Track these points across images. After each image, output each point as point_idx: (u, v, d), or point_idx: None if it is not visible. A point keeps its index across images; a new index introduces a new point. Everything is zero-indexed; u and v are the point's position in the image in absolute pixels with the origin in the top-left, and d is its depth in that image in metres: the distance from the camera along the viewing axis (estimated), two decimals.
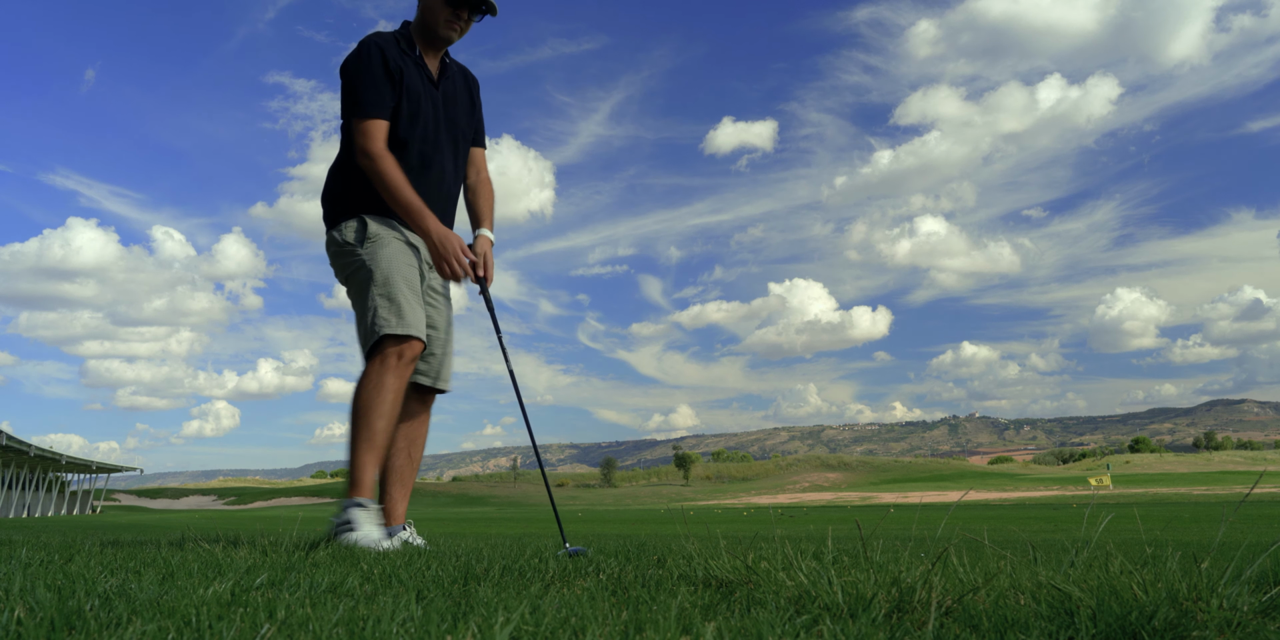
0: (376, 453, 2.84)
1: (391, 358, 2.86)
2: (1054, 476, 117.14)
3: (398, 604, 1.34)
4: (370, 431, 2.82)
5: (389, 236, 3.00)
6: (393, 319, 2.87)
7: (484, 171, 3.36)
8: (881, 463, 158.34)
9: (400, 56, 3.01)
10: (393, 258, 2.96)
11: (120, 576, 1.71)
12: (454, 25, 3.03)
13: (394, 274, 2.93)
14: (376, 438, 2.83)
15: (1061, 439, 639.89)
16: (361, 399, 2.85)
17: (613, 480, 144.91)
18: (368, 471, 2.83)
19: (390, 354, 2.86)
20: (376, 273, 2.93)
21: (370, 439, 2.82)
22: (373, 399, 2.83)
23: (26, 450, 49.99)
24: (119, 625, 1.16)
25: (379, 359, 2.88)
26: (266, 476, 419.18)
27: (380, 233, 2.99)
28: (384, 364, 2.86)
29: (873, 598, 1.37)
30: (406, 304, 2.91)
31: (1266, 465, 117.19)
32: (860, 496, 79.38)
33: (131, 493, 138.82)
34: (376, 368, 2.87)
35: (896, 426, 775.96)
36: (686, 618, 1.25)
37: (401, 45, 3.03)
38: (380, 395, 2.83)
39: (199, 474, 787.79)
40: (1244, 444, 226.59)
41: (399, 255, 2.98)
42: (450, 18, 3.01)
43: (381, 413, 2.83)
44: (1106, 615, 1.22)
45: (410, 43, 3.07)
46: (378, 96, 2.95)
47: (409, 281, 2.96)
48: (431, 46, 3.10)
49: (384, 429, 2.84)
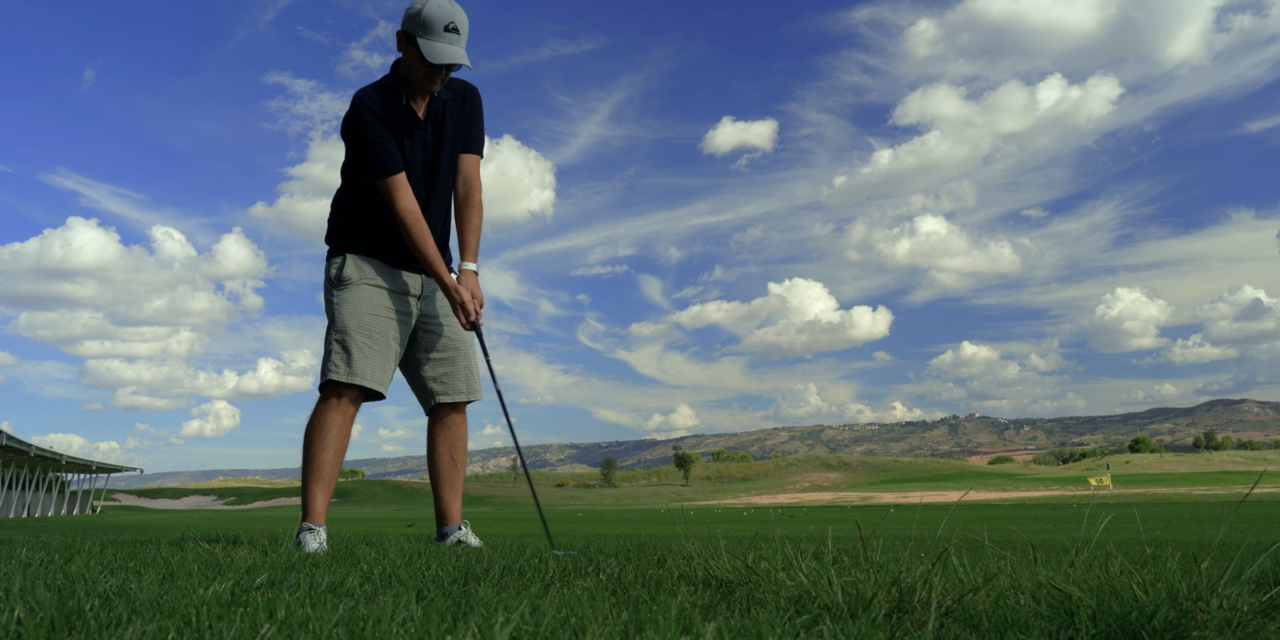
0: (324, 483, 3.15)
1: (332, 399, 3.17)
2: (1054, 476, 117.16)
3: (398, 604, 1.34)
4: (317, 463, 3.14)
5: (359, 281, 3.25)
6: (341, 366, 3.16)
7: (474, 182, 3.39)
8: (881, 463, 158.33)
9: (388, 114, 3.20)
10: (357, 304, 3.22)
11: (120, 576, 1.71)
12: (433, 81, 3.19)
13: (351, 321, 3.20)
14: (323, 469, 3.14)
15: (1061, 439, 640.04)
16: (309, 436, 3.17)
17: (613, 480, 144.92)
18: (317, 499, 3.13)
19: (332, 395, 3.17)
20: (337, 319, 3.21)
21: (317, 470, 3.14)
22: (316, 436, 3.15)
23: (26, 450, 50.00)
24: (119, 625, 1.16)
25: (323, 399, 3.19)
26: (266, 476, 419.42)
27: (351, 276, 3.25)
28: (327, 404, 3.17)
29: (873, 598, 1.37)
30: (358, 351, 3.17)
31: (1266, 465, 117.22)
32: (860, 496, 79.41)
33: (131, 493, 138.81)
34: (321, 407, 3.18)
35: (896, 426, 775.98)
36: (686, 618, 1.25)
37: (388, 99, 3.21)
38: (323, 431, 3.15)
39: (199, 474, 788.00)
40: (1244, 444, 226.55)
41: (364, 302, 3.23)
42: (428, 75, 3.16)
43: (325, 446, 3.14)
44: (1106, 615, 1.22)
45: (396, 92, 3.23)
46: (389, 154, 3.17)
47: (365, 329, 3.20)
48: (418, 93, 3.26)
49: (329, 460, 3.16)
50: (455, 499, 3.39)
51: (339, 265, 3.28)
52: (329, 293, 3.29)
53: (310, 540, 2.99)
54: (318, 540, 3.01)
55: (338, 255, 3.31)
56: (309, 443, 3.15)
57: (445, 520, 3.36)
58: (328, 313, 3.28)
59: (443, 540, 3.32)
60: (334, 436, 3.14)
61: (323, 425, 3.14)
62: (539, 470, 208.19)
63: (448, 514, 3.36)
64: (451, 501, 3.37)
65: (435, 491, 3.39)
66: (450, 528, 3.34)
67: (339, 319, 3.21)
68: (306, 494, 3.13)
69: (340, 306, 3.22)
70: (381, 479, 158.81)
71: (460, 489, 3.42)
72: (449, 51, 3.08)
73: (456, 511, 3.38)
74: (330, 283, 3.29)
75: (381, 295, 3.26)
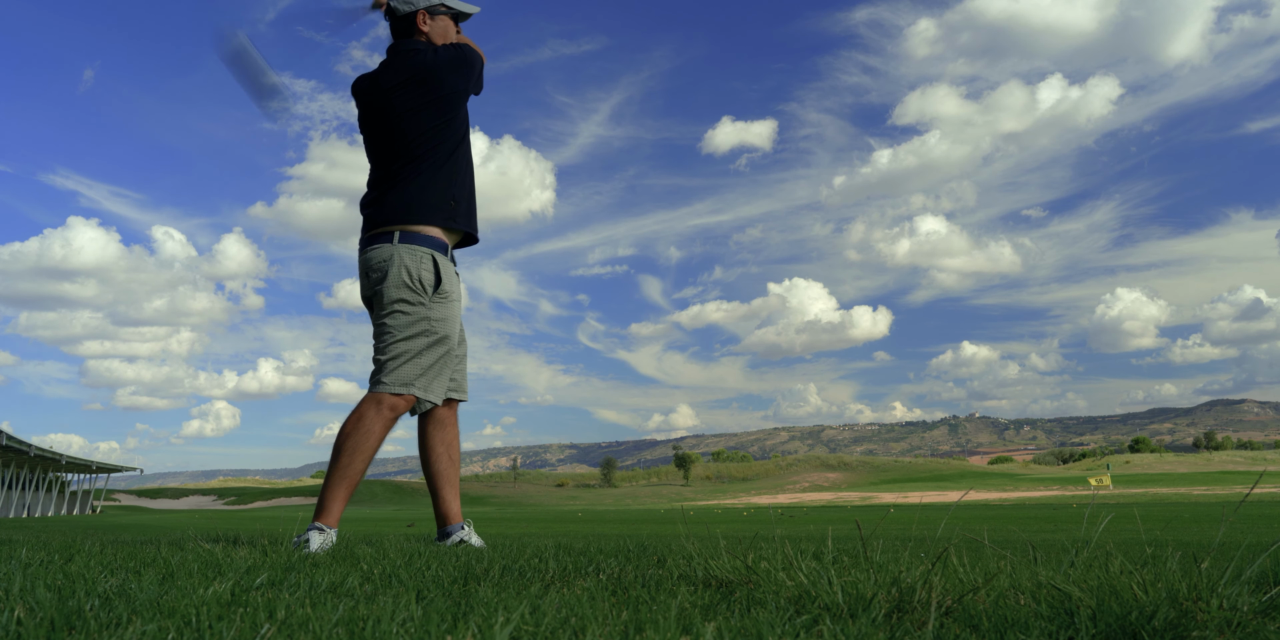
0: (349, 486, 3.03)
1: (387, 408, 3.04)
2: (1054, 476, 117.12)
3: (398, 604, 1.34)
4: (350, 470, 3.01)
5: (454, 297, 3.17)
6: (424, 382, 3.07)
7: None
8: (881, 463, 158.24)
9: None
10: (452, 322, 3.14)
11: (120, 576, 1.71)
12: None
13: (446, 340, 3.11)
14: (353, 476, 3.03)
15: (1061, 439, 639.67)
16: (350, 438, 3.01)
17: (613, 480, 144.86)
18: (337, 502, 3.01)
19: (387, 405, 3.04)
20: (430, 332, 3.08)
21: (347, 475, 3.01)
22: (360, 442, 3.01)
23: (26, 450, 49.98)
24: (119, 625, 1.16)
25: (377, 403, 3.04)
26: (266, 476, 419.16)
27: (451, 291, 3.14)
28: (379, 412, 3.03)
29: (873, 598, 1.37)
30: (438, 371, 3.11)
31: (1266, 465, 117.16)
32: (860, 496, 79.38)
33: (131, 493, 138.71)
34: (372, 411, 3.03)
35: (896, 426, 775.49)
36: (686, 618, 1.25)
37: None
38: (366, 438, 3.02)
39: (199, 474, 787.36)
40: (1244, 444, 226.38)
41: (454, 320, 3.16)
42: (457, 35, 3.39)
43: (364, 456, 3.03)
44: (1106, 615, 1.22)
45: None
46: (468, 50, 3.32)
47: (454, 351, 3.17)
48: None
49: (361, 469, 3.06)
50: (455, 498, 3.38)
51: (432, 269, 3.09)
52: (416, 293, 3.06)
53: (316, 539, 2.91)
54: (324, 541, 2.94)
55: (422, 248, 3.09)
56: (347, 445, 3.00)
57: (447, 520, 3.35)
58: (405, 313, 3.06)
59: (444, 540, 3.31)
60: (373, 445, 3.04)
61: (369, 432, 3.01)
62: (539, 470, 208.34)
63: (449, 513, 3.35)
64: (452, 500, 3.36)
65: (435, 491, 3.36)
66: (452, 527, 3.33)
67: (433, 332, 3.07)
68: (327, 495, 3.00)
69: (435, 321, 3.07)
70: (381, 479, 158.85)
71: (458, 488, 3.41)
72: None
73: (458, 510, 3.37)
74: (420, 285, 3.07)
75: (459, 309, 3.21)
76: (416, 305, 3.07)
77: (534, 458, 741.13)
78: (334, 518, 2.99)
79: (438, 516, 3.38)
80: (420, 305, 3.07)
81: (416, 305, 3.07)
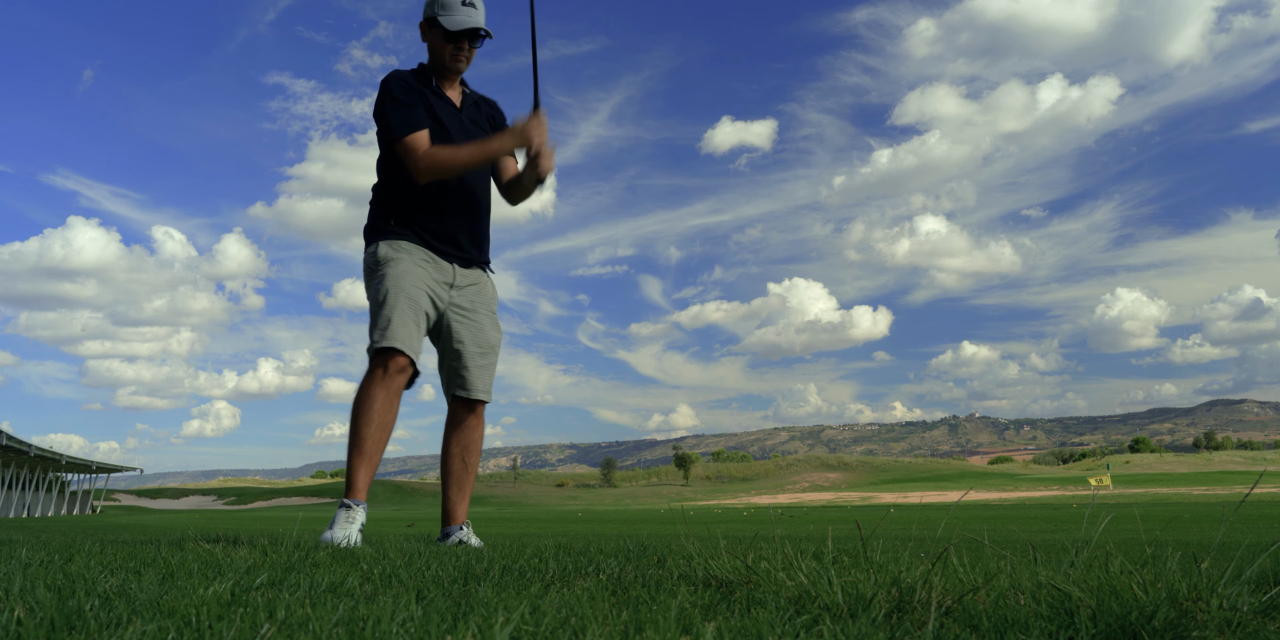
0: (366, 457, 3.10)
1: (377, 371, 3.12)
2: (1054, 476, 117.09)
3: (398, 604, 1.34)
4: (358, 439, 3.09)
5: (399, 259, 3.22)
6: (379, 333, 3.13)
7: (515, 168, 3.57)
8: (881, 463, 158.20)
9: (420, 87, 3.27)
10: (399, 276, 3.19)
11: (120, 576, 1.71)
12: (459, 57, 3.29)
13: (394, 289, 3.16)
14: (364, 444, 3.09)
15: (1061, 439, 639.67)
16: (354, 410, 3.13)
17: (613, 480, 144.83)
18: (359, 474, 3.09)
19: (378, 367, 3.13)
20: (380, 290, 3.18)
21: (359, 445, 3.09)
22: (360, 410, 3.11)
23: (26, 450, 49.97)
24: (119, 625, 1.16)
25: (369, 371, 3.15)
26: (266, 476, 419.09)
27: (390, 255, 3.22)
28: (372, 377, 3.13)
29: (873, 598, 1.37)
30: (398, 317, 3.14)
31: (1266, 465, 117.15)
32: (860, 496, 79.37)
33: (131, 493, 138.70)
34: (365, 380, 3.15)
35: (896, 426, 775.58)
36: (686, 618, 1.25)
37: (419, 78, 3.30)
38: (367, 405, 3.10)
39: (199, 474, 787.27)
40: (1244, 444, 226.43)
41: (405, 275, 3.20)
42: (454, 52, 3.28)
43: (368, 420, 3.09)
44: (1106, 615, 1.22)
45: (427, 76, 3.33)
46: (406, 115, 3.18)
47: (410, 297, 3.18)
48: (446, 79, 3.36)
49: (371, 435, 3.10)
50: (462, 501, 3.42)
51: (373, 251, 3.26)
52: (370, 275, 3.26)
53: (343, 519, 2.99)
54: (351, 521, 3.00)
55: (371, 244, 3.29)
56: (353, 417, 3.11)
57: (449, 520, 3.40)
58: (370, 294, 3.23)
59: (444, 540, 3.34)
60: (377, 411, 3.09)
61: (367, 399, 3.10)
62: (539, 470, 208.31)
63: (453, 514, 3.40)
64: (459, 503, 3.41)
65: (444, 491, 3.44)
66: (453, 528, 3.38)
67: (382, 290, 3.16)
68: (349, 469, 3.10)
69: (383, 280, 3.18)
70: (382, 479, 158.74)
71: (469, 492, 3.44)
72: (467, 19, 3.21)
73: (462, 513, 3.41)
74: (369, 268, 3.26)
75: (421, 274, 3.23)
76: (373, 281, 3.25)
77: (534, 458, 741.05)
78: (357, 490, 3.07)
79: (443, 516, 3.43)
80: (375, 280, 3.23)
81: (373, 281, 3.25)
